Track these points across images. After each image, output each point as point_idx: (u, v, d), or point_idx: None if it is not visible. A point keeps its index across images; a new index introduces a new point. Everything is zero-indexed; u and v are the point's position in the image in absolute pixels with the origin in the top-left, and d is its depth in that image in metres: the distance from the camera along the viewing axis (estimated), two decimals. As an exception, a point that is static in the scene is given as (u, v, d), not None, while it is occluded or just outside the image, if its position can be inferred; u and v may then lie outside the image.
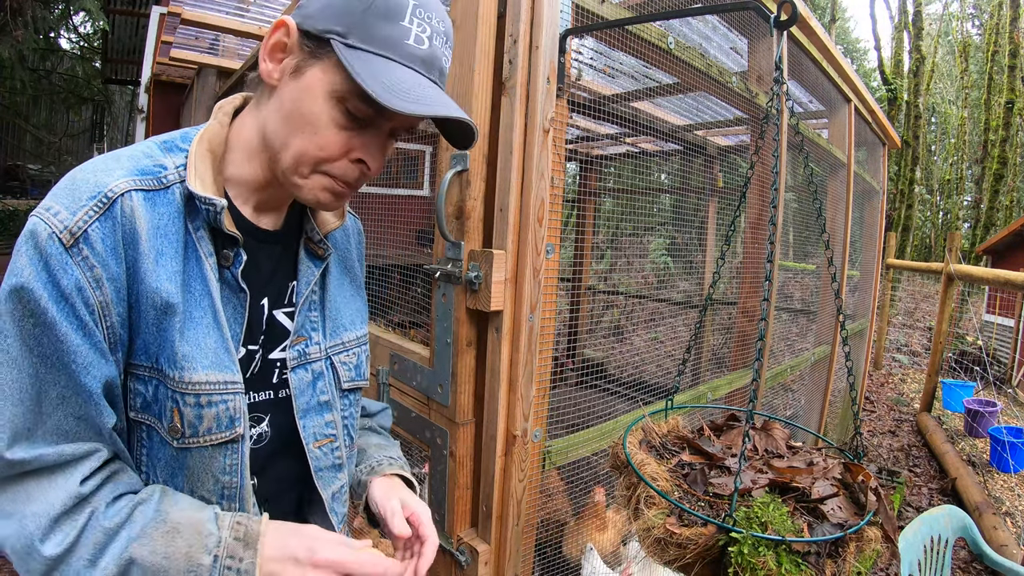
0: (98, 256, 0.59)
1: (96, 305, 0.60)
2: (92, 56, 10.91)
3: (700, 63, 1.78)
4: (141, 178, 0.64)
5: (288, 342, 0.78)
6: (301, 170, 0.68)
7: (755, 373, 0.88)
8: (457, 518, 1.38)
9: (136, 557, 0.58)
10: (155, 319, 0.63)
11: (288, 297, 0.80)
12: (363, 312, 0.93)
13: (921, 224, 22.27)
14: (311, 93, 0.65)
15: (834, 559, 0.75)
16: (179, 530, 0.61)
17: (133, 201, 0.62)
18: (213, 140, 0.71)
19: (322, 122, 0.66)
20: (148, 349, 0.64)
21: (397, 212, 2.59)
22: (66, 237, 0.58)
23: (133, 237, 0.62)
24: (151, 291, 0.62)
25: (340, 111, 0.66)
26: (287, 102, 0.67)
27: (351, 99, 0.65)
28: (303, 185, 0.69)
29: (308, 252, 0.82)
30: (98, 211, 0.60)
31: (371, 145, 0.69)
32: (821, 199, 1.35)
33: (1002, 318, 7.87)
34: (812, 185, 1.20)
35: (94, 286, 0.59)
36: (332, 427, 0.83)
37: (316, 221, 0.82)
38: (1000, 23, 14.60)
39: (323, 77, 0.65)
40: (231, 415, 0.68)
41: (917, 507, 3.73)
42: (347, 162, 0.69)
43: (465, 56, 1.24)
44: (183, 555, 0.59)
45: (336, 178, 0.70)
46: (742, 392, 2.24)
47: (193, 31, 4.29)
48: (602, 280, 5.01)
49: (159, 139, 0.71)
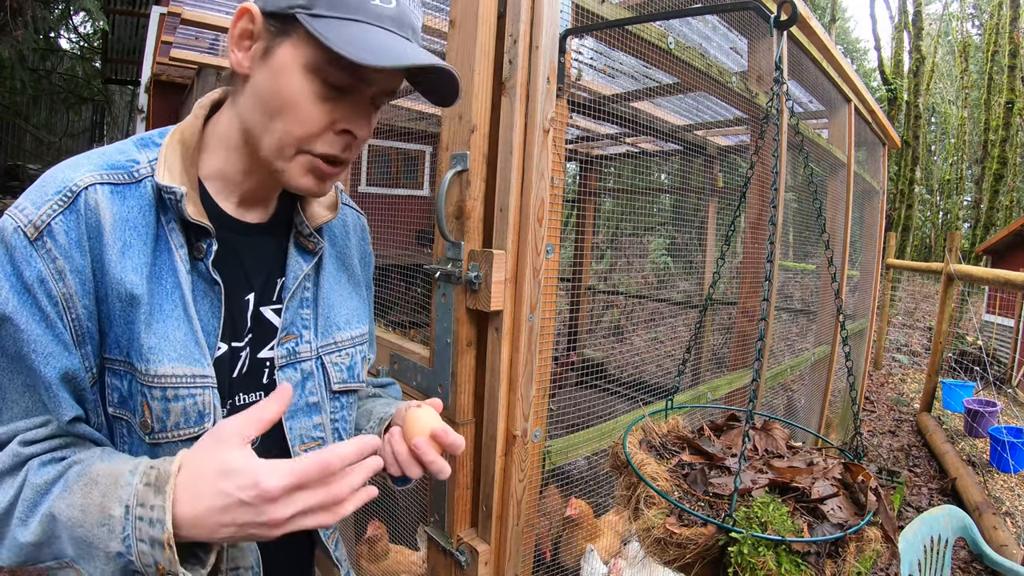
0: (61, 248, 0.59)
1: (59, 297, 0.60)
2: (92, 56, 10.91)
3: (700, 63, 1.78)
4: (109, 172, 0.64)
5: (276, 340, 0.76)
6: (285, 152, 0.67)
7: (755, 373, 0.88)
8: (457, 518, 1.38)
9: (55, 512, 0.57)
10: (121, 311, 0.63)
11: (277, 293, 0.78)
12: (361, 311, 0.90)
13: (921, 224, 22.26)
14: (284, 72, 0.64)
15: (834, 559, 0.75)
16: (97, 481, 0.58)
17: (98, 194, 0.62)
18: (186, 132, 0.70)
19: (301, 98, 0.64)
20: (119, 342, 0.64)
21: (397, 212, 2.59)
22: (30, 231, 0.59)
23: (98, 229, 0.62)
24: (116, 282, 0.62)
25: (318, 83, 0.64)
26: (261, 87, 0.65)
27: (326, 68, 0.63)
28: (286, 169, 0.68)
29: (297, 246, 0.80)
30: (62, 205, 0.60)
31: (354, 114, 0.67)
32: (821, 199, 1.35)
33: (1002, 318, 7.88)
34: (812, 185, 1.20)
35: (57, 278, 0.59)
36: (320, 430, 0.80)
37: (306, 214, 0.80)
38: (1000, 23, 14.60)
39: (294, 52, 0.63)
40: (200, 410, 0.66)
41: (917, 507, 3.73)
42: (332, 135, 0.67)
43: (465, 56, 1.24)
44: (97, 506, 0.56)
45: (321, 157, 0.67)
46: (742, 392, 2.24)
47: (193, 31, 4.30)
48: (602, 280, 5.01)
49: (137, 136, 0.71)
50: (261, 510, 0.54)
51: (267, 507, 0.54)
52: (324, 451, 0.57)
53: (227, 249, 0.71)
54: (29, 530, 0.58)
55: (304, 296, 0.80)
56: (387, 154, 5.15)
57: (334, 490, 0.57)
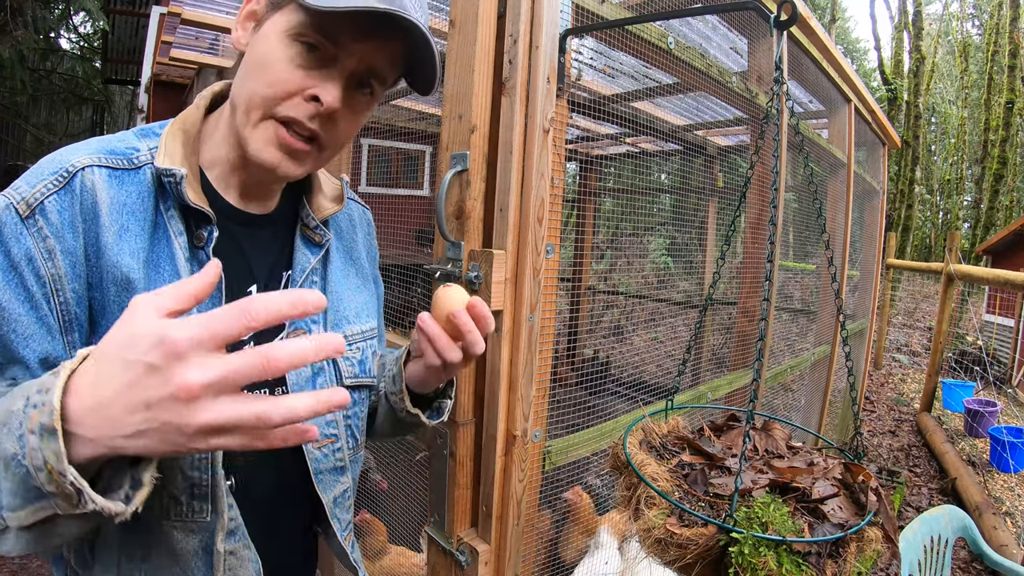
0: (53, 227, 0.58)
1: (47, 277, 0.58)
2: (92, 56, 10.91)
3: (700, 63, 1.78)
4: (108, 156, 0.63)
5: (284, 334, 0.74)
6: (252, 115, 0.65)
7: (755, 373, 0.88)
8: (457, 518, 1.38)
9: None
10: (116, 296, 0.61)
11: (284, 286, 0.75)
12: (371, 305, 0.88)
13: (921, 224, 22.26)
14: (267, 38, 0.64)
15: (835, 559, 0.75)
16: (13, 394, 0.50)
17: (95, 176, 0.61)
18: (187, 121, 0.69)
19: (275, 60, 0.63)
20: None
21: (397, 212, 2.59)
22: (23, 208, 0.58)
23: (93, 211, 0.60)
24: (111, 265, 0.61)
25: (295, 49, 0.63)
26: (248, 57, 0.66)
27: (305, 32, 0.62)
28: (250, 138, 0.65)
29: (304, 238, 0.78)
30: (57, 185, 0.59)
31: (327, 81, 0.64)
32: (821, 199, 1.35)
33: (1002, 318, 7.88)
34: (812, 185, 1.20)
35: (46, 257, 0.58)
36: (333, 427, 0.79)
37: (312, 206, 0.79)
38: (1000, 23, 14.61)
39: (280, 20, 0.64)
40: None
41: (917, 507, 3.73)
42: (299, 99, 0.64)
43: (465, 56, 1.24)
44: (5, 410, 0.48)
45: (287, 126, 0.65)
46: (742, 392, 2.24)
47: (193, 31, 4.29)
48: (602, 280, 5.01)
49: (138, 127, 0.70)
50: (169, 374, 0.42)
51: (176, 367, 0.42)
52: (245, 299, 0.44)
53: (229, 239, 0.70)
54: None
55: (312, 289, 0.79)
56: (387, 154, 5.15)
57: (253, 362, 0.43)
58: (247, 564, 0.70)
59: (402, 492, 2.25)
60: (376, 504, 2.31)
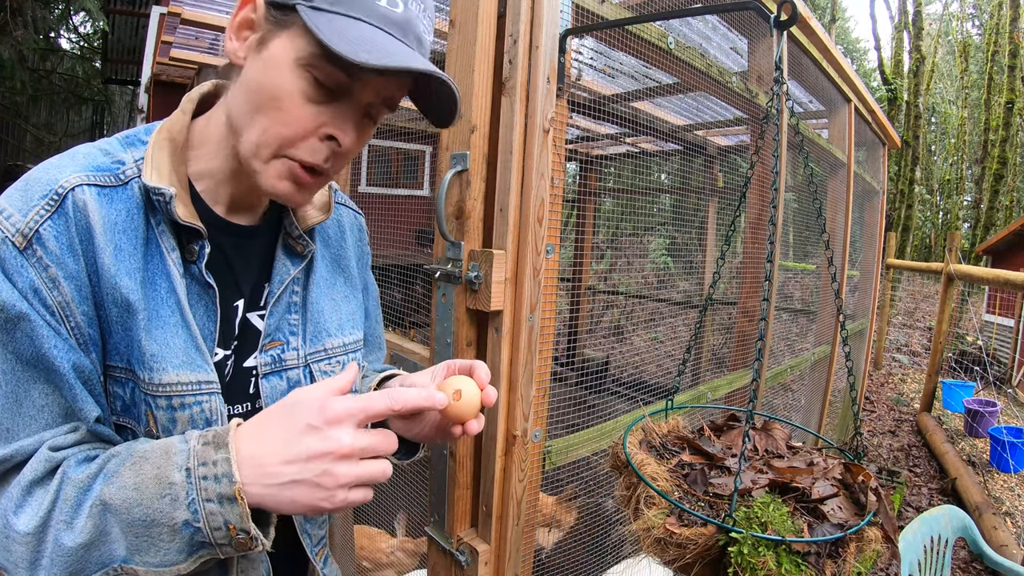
0: (52, 255, 0.57)
1: (55, 306, 0.57)
2: (92, 56, 10.91)
3: (700, 63, 1.78)
4: (96, 174, 0.61)
5: (259, 347, 0.72)
6: (262, 152, 0.62)
7: (755, 373, 0.88)
8: (457, 518, 1.38)
9: (106, 499, 0.53)
10: (118, 316, 0.60)
11: (264, 299, 0.74)
12: (358, 315, 0.86)
13: (921, 224, 22.26)
14: (275, 64, 0.60)
15: (834, 559, 0.75)
16: (147, 457, 0.55)
17: (85, 195, 0.59)
18: (173, 128, 0.67)
19: (287, 94, 0.60)
20: (119, 349, 0.61)
21: (397, 212, 2.59)
22: (19, 240, 0.56)
23: (88, 232, 0.59)
24: (111, 287, 0.59)
25: (307, 81, 0.60)
26: (251, 79, 0.62)
27: (318, 64, 0.59)
28: (261, 172, 0.63)
29: (286, 249, 0.76)
30: (49, 209, 0.57)
31: (343, 119, 0.63)
32: (821, 199, 1.35)
33: (1002, 318, 7.88)
34: (812, 185, 1.20)
35: (51, 286, 0.57)
36: None
37: (296, 215, 0.76)
38: (1000, 23, 14.61)
39: (288, 45, 0.60)
40: (207, 417, 0.64)
41: (917, 507, 3.73)
42: (316, 140, 0.62)
43: (465, 56, 1.24)
44: (152, 479, 0.53)
45: (300, 163, 0.63)
46: (742, 392, 2.24)
47: (193, 31, 4.29)
48: (602, 280, 5.01)
49: (123, 134, 0.67)
50: (326, 435, 0.53)
51: (332, 431, 0.53)
52: (392, 390, 0.58)
53: (217, 252, 0.69)
54: (76, 531, 0.53)
55: (292, 301, 0.76)
56: (387, 154, 5.15)
57: (389, 441, 0.57)
58: (258, 566, 0.72)
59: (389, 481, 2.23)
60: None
